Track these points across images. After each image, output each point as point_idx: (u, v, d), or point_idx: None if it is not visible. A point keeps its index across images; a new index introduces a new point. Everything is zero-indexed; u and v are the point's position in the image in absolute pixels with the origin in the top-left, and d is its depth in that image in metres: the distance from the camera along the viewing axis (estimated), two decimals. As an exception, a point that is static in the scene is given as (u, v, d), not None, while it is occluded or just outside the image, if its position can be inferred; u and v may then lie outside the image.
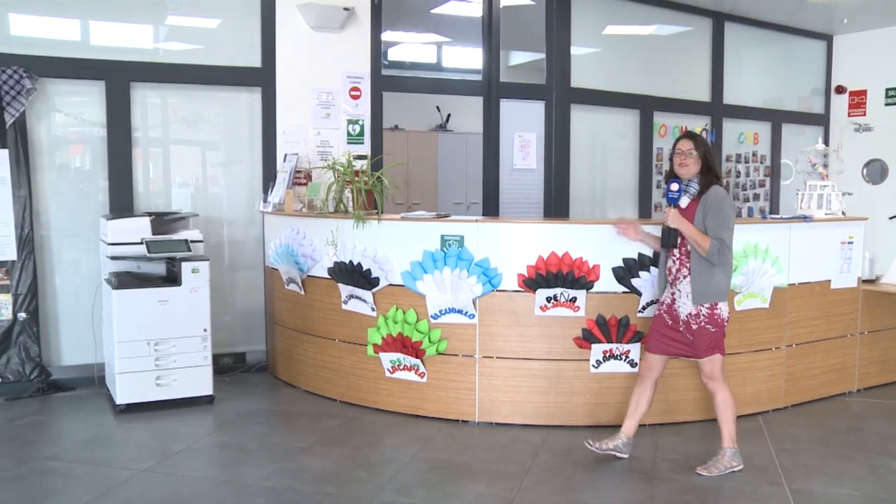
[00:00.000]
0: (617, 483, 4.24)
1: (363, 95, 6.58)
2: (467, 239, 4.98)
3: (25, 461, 4.51)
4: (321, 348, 5.62)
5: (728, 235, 4.20)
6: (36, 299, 5.77)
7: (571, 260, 4.89)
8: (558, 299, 4.94)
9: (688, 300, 4.28)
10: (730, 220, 4.23)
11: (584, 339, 4.96)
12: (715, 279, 4.22)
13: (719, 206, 4.20)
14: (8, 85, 5.58)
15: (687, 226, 4.20)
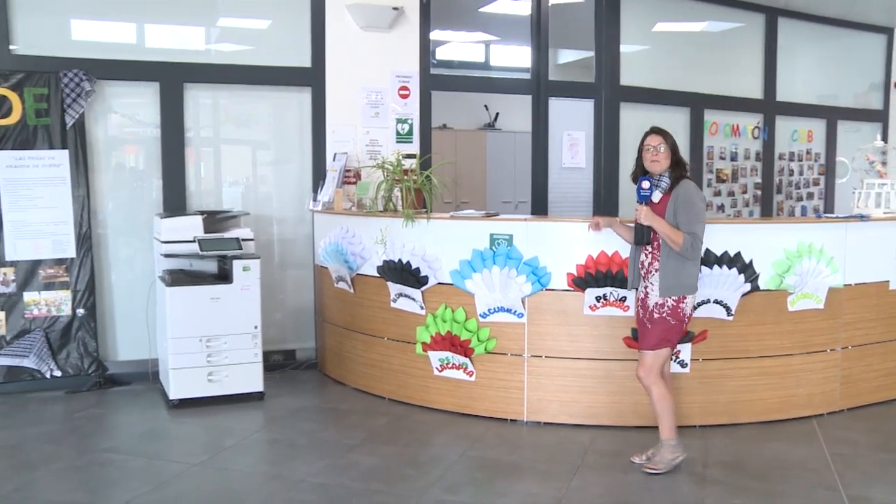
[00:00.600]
0: (666, 485, 4.20)
1: (412, 94, 6.62)
2: (516, 237, 4.98)
3: (85, 452, 4.65)
4: (370, 346, 5.67)
5: (700, 229, 4.21)
6: (93, 296, 5.92)
7: (621, 259, 4.86)
8: (608, 298, 4.92)
9: (656, 292, 4.28)
10: (701, 213, 4.24)
11: (634, 339, 4.93)
12: (685, 272, 4.24)
13: (690, 201, 4.20)
14: (69, 88, 5.74)
15: (660, 222, 4.20)
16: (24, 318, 5.78)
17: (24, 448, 4.70)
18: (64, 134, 5.79)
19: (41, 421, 5.24)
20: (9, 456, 4.59)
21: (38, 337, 5.79)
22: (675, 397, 4.86)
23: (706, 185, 8.37)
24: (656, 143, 4.29)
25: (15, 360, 5.75)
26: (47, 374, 5.81)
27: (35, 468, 4.38)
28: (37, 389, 5.81)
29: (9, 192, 5.70)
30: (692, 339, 4.90)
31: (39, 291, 5.81)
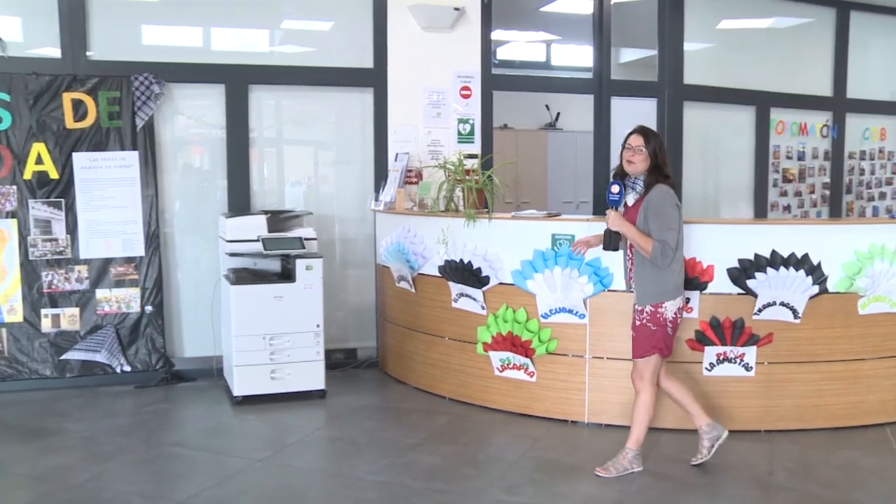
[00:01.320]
0: (730, 490, 4.15)
1: (473, 95, 6.64)
2: (578, 237, 4.97)
3: (154, 446, 4.79)
4: (431, 346, 5.71)
5: (671, 236, 4.05)
6: (161, 293, 6.09)
7: (685, 260, 4.81)
8: (671, 300, 4.87)
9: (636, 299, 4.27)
10: (673, 220, 4.08)
11: (697, 341, 4.87)
12: (661, 279, 4.13)
13: (661, 207, 4.06)
14: (139, 91, 5.92)
15: (629, 228, 4.11)
16: (96, 315, 5.98)
17: (98, 440, 4.87)
18: (134, 135, 5.97)
19: (112, 414, 5.42)
20: (84, 447, 4.76)
21: (110, 333, 5.99)
22: (737, 401, 4.87)
23: (772, 185, 8.22)
24: (637, 144, 4.15)
25: (88, 355, 5.96)
26: (118, 369, 6.00)
27: (108, 460, 4.53)
28: (108, 384, 6.00)
29: (83, 192, 5.91)
30: (757, 341, 4.82)
31: (110, 289, 6.01)
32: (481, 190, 5.50)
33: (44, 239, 5.88)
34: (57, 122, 5.84)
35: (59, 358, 5.94)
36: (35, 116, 5.79)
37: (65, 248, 5.92)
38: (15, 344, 5.86)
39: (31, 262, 5.87)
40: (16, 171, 5.80)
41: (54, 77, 5.81)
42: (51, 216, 5.88)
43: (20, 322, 5.87)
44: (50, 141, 5.83)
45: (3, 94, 5.73)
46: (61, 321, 5.94)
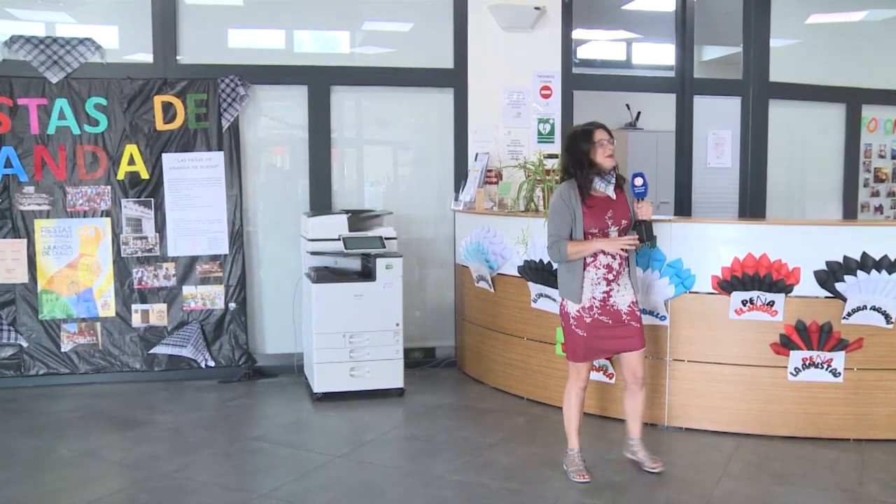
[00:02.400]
0: (818, 500, 4.04)
1: (554, 94, 6.64)
2: (659, 239, 4.92)
3: (237, 439, 4.94)
4: (509, 346, 5.74)
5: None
6: (244, 291, 6.28)
7: (769, 262, 4.73)
8: (755, 303, 4.80)
9: (627, 291, 4.26)
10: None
11: (782, 346, 4.78)
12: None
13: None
14: (225, 93, 6.12)
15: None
16: (182, 311, 6.21)
17: (184, 432, 5.06)
18: (220, 136, 6.18)
19: (197, 407, 5.61)
20: (171, 439, 4.95)
21: (195, 328, 6.20)
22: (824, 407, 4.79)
23: (862, 185, 7.97)
24: (607, 136, 4.19)
25: (174, 350, 6.19)
26: (202, 363, 6.20)
27: (193, 451, 4.70)
28: (193, 378, 6.22)
29: (171, 192, 6.14)
30: (846, 346, 4.71)
31: (196, 286, 6.22)
32: (561, 190, 5.49)
33: (135, 237, 6.14)
34: (148, 125, 6.09)
35: (148, 352, 6.19)
36: (128, 119, 6.05)
37: (154, 245, 6.16)
38: (108, 338, 6.14)
39: (123, 259, 6.13)
40: (110, 172, 6.07)
41: (146, 81, 6.07)
42: (141, 215, 6.13)
43: (113, 317, 6.14)
44: (141, 142, 6.09)
45: (101, 98, 6.01)
46: (150, 316, 6.19)
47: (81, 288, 6.11)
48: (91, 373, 6.13)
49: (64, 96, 5.99)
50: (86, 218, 6.09)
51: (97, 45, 6.07)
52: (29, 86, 5.95)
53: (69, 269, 6.09)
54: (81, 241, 6.10)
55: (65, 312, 6.09)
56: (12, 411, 5.55)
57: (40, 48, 5.97)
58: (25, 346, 6.05)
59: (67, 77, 5.99)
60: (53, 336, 6.09)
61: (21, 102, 5.94)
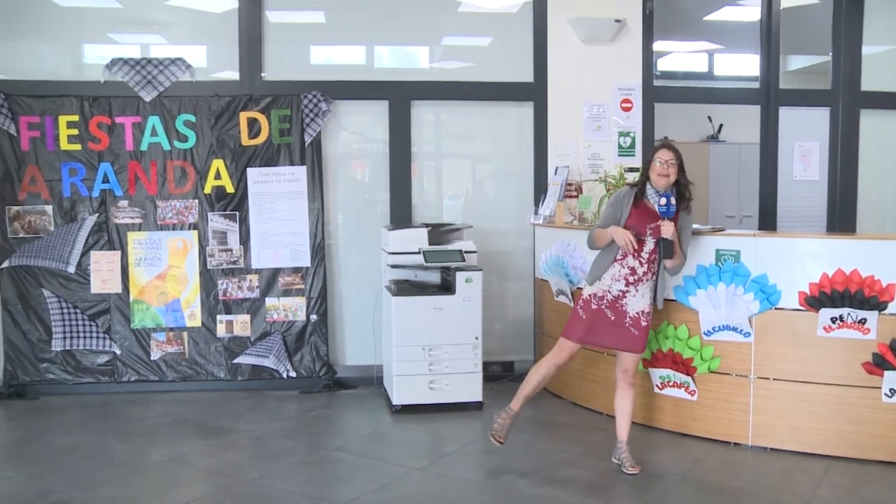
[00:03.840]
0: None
1: (634, 107, 6.61)
2: (744, 253, 4.86)
3: (317, 449, 5.05)
4: (588, 361, 5.70)
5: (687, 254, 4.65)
6: (325, 303, 6.41)
7: (861, 278, 4.61)
8: (845, 320, 4.67)
9: (643, 299, 4.52)
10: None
11: (875, 365, 4.64)
12: (657, 287, 4.57)
13: (691, 228, 4.68)
14: (308, 108, 6.28)
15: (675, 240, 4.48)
16: (265, 322, 6.37)
17: (266, 441, 5.18)
18: (303, 151, 6.34)
19: (279, 417, 5.74)
20: (254, 447, 5.08)
21: (277, 339, 6.36)
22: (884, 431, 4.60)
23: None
24: (667, 158, 4.46)
25: (257, 360, 6.36)
26: (284, 374, 6.35)
27: (275, 460, 4.81)
28: (275, 388, 6.37)
29: (255, 206, 6.32)
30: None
31: (278, 297, 6.38)
32: (642, 204, 5.46)
33: (220, 249, 6.34)
34: (234, 140, 6.29)
35: (232, 361, 6.37)
36: (215, 135, 6.27)
37: (238, 258, 6.35)
38: (194, 347, 6.35)
39: (209, 271, 6.34)
40: (198, 186, 6.29)
41: (232, 98, 6.28)
42: (226, 228, 6.33)
43: (199, 326, 6.35)
44: (227, 157, 6.29)
45: (190, 115, 6.26)
46: (234, 327, 6.37)
47: (170, 298, 6.34)
48: (178, 381, 6.36)
49: (156, 114, 6.25)
50: (174, 231, 6.33)
51: (187, 65, 6.32)
52: (125, 105, 6.24)
53: (159, 280, 6.33)
54: (170, 253, 6.33)
55: (154, 322, 6.33)
56: (107, 415, 5.80)
57: (136, 69, 6.25)
58: (118, 354, 6.31)
59: (160, 95, 6.26)
60: (144, 344, 6.33)
61: (118, 121, 6.23)
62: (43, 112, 6.18)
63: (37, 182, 6.20)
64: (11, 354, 6.25)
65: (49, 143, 6.19)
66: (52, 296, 6.25)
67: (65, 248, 6.25)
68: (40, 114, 6.17)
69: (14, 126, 6.15)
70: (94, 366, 6.31)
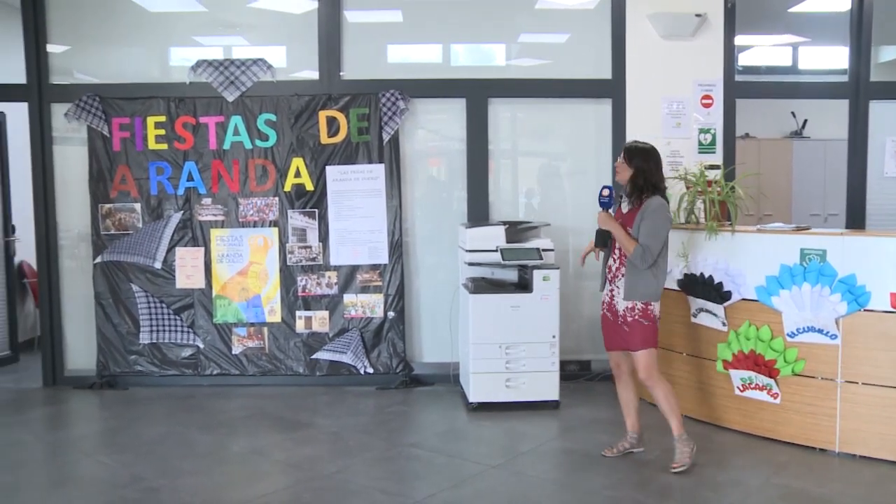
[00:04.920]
0: None
1: (715, 103, 6.45)
2: (830, 253, 4.71)
3: (394, 445, 5.09)
4: (667, 361, 5.61)
5: (653, 242, 4.51)
6: (402, 300, 6.46)
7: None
8: (940, 323, 4.49)
9: (622, 295, 4.62)
10: (659, 229, 4.54)
11: None
12: (643, 281, 4.56)
13: (652, 216, 4.53)
14: (386, 107, 6.34)
15: (617, 229, 4.60)
16: (343, 318, 6.46)
17: (343, 436, 5.26)
18: (381, 149, 6.39)
19: (356, 412, 5.81)
20: (332, 441, 5.17)
21: (355, 336, 6.43)
22: None
23: None
24: (619, 158, 4.71)
25: (335, 356, 6.44)
26: (361, 370, 6.42)
27: (353, 455, 4.88)
28: (352, 384, 6.45)
29: (334, 203, 6.41)
30: None
31: (356, 294, 6.45)
32: (723, 202, 5.35)
33: (300, 246, 6.44)
34: (313, 139, 6.39)
35: (311, 357, 6.47)
36: (295, 134, 6.38)
37: (317, 255, 6.45)
38: (274, 342, 6.47)
39: (289, 268, 6.45)
40: (278, 184, 6.41)
41: (312, 97, 6.38)
42: (306, 225, 6.43)
43: (279, 322, 6.47)
44: (307, 156, 6.39)
45: (270, 114, 6.38)
46: (313, 323, 6.47)
47: (251, 294, 6.48)
48: (258, 375, 6.49)
49: (238, 113, 6.39)
50: (255, 228, 6.46)
51: (268, 65, 6.44)
52: (209, 105, 6.40)
53: (240, 277, 6.47)
54: (251, 250, 6.46)
55: (236, 317, 6.48)
56: (191, 407, 5.97)
57: (220, 70, 6.40)
58: (202, 348, 6.49)
59: (242, 95, 6.39)
60: (226, 339, 6.48)
61: (202, 121, 6.40)
62: (133, 113, 6.39)
63: (127, 181, 6.42)
64: (104, 346, 6.49)
65: (138, 143, 6.40)
66: (139, 290, 6.46)
67: (152, 245, 6.45)
68: (130, 115, 6.39)
69: (107, 127, 6.37)
70: (179, 359, 6.50)
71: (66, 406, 6.16)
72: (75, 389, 6.47)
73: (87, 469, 4.86)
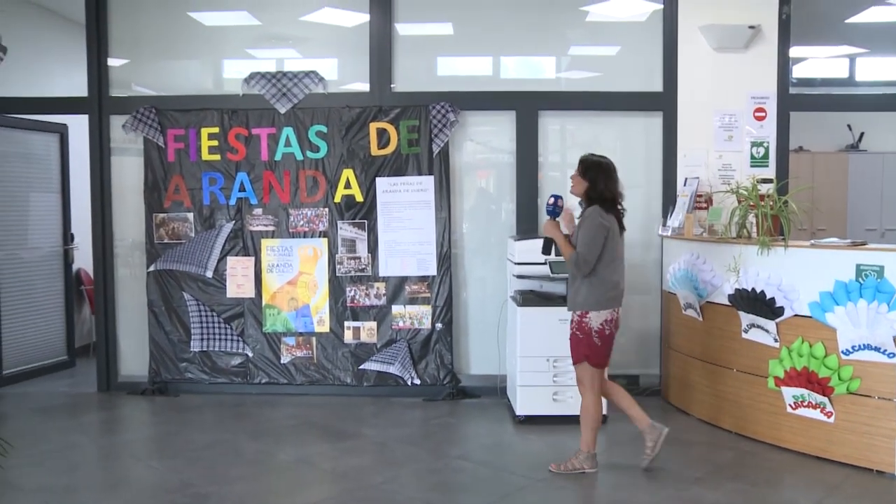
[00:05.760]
0: None
1: (768, 116, 6.37)
2: (888, 269, 4.60)
3: (440, 457, 5.10)
4: (717, 377, 5.55)
5: (586, 251, 4.59)
6: (451, 311, 6.47)
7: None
8: None
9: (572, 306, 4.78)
10: (592, 236, 4.60)
11: None
12: (581, 290, 4.68)
13: (587, 224, 4.64)
14: (436, 119, 6.38)
15: (557, 236, 4.75)
16: (391, 329, 6.49)
17: (390, 447, 5.28)
18: (430, 161, 6.43)
19: (403, 424, 5.83)
20: (378, 452, 5.20)
21: (402, 347, 6.46)
22: None
23: None
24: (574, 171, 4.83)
25: (383, 367, 6.48)
26: (408, 381, 6.45)
27: (399, 466, 4.90)
28: (399, 395, 6.47)
29: (384, 215, 6.46)
30: None
31: (405, 305, 6.49)
32: (776, 216, 5.27)
33: (349, 257, 6.50)
34: (363, 150, 6.45)
35: (358, 367, 6.52)
36: (346, 145, 6.45)
37: (366, 266, 6.50)
38: (322, 352, 6.53)
39: (338, 278, 6.51)
40: (328, 195, 6.48)
41: (363, 109, 6.45)
42: (355, 236, 6.49)
43: (327, 332, 6.53)
44: (357, 167, 6.46)
45: (321, 126, 6.46)
46: (361, 333, 6.52)
47: (300, 304, 6.55)
48: (306, 384, 6.56)
49: (290, 125, 6.49)
50: (305, 238, 6.54)
51: (320, 77, 6.53)
52: (261, 117, 6.51)
53: (289, 286, 6.55)
54: (301, 260, 6.54)
55: (285, 327, 6.56)
56: (240, 415, 6.06)
57: (272, 82, 6.51)
58: (251, 356, 6.58)
59: (294, 107, 6.49)
60: (275, 348, 6.57)
61: (254, 132, 6.51)
62: (187, 124, 6.53)
63: (180, 191, 6.56)
64: (155, 353, 6.62)
65: (192, 154, 6.53)
66: (191, 299, 6.58)
67: (204, 254, 6.57)
68: (185, 126, 6.53)
69: (162, 138, 6.52)
70: (229, 367, 6.60)
71: (119, 411, 6.30)
72: (128, 395, 6.62)
73: (138, 473, 4.96)
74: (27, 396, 6.69)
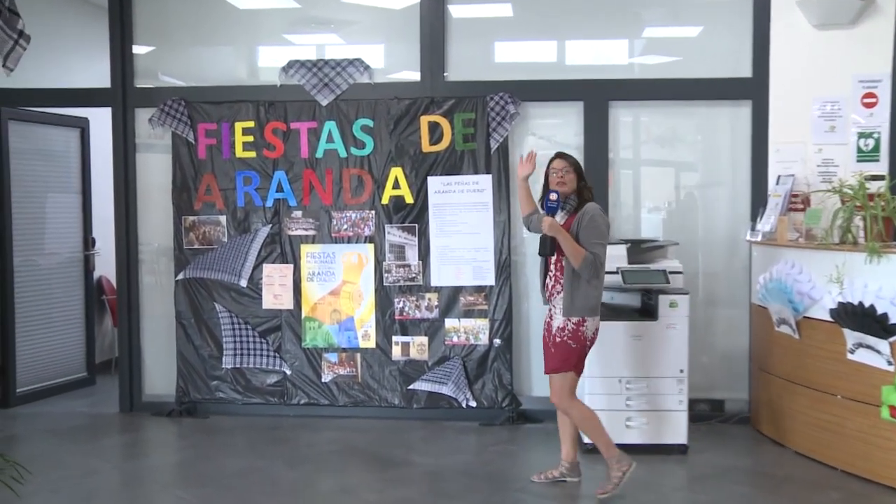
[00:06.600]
0: None
1: (880, 103, 6.11)
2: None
3: (498, 490, 5.00)
4: (818, 404, 5.34)
5: (601, 250, 4.71)
6: (510, 326, 6.35)
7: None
8: None
9: (557, 314, 4.81)
10: (603, 236, 4.75)
11: None
12: (582, 294, 4.72)
13: (594, 222, 4.72)
14: (494, 111, 6.27)
15: (565, 236, 4.69)
16: (444, 345, 6.40)
17: (442, 476, 5.19)
18: (488, 158, 6.32)
19: (457, 451, 5.73)
20: (429, 482, 5.11)
21: (457, 365, 6.35)
22: None
23: None
24: (561, 166, 4.91)
25: (435, 387, 6.38)
26: (463, 403, 6.33)
27: (451, 498, 4.81)
28: (453, 418, 6.39)
29: (436, 218, 6.37)
30: None
31: (459, 319, 6.38)
32: (888, 218, 5.06)
33: (397, 265, 6.42)
34: (414, 146, 6.37)
35: (408, 387, 6.44)
36: (394, 141, 6.38)
37: (416, 274, 6.40)
38: (368, 370, 6.46)
39: (385, 288, 6.44)
40: (375, 196, 6.41)
41: (413, 101, 6.37)
42: (405, 242, 6.40)
43: (373, 348, 6.47)
44: (407, 165, 6.38)
45: (367, 119, 6.40)
46: (410, 350, 6.43)
47: (343, 317, 6.48)
48: (349, 405, 6.49)
49: (332, 119, 6.44)
50: (349, 244, 6.48)
51: (366, 66, 6.46)
52: (301, 110, 6.48)
53: (332, 297, 6.49)
54: (345, 268, 6.48)
55: (326, 341, 6.49)
56: (276, 440, 6.01)
57: (313, 71, 6.47)
58: (289, 374, 6.53)
59: (337, 99, 6.44)
60: (315, 365, 6.51)
61: (293, 126, 6.48)
62: (220, 118, 6.52)
63: (212, 191, 6.54)
64: (184, 370, 6.61)
65: (225, 151, 6.51)
66: (223, 310, 6.55)
67: (237, 261, 6.53)
68: (217, 120, 6.52)
69: (192, 134, 6.52)
70: (264, 386, 6.55)
71: (143, 434, 6.30)
72: (153, 416, 6.61)
73: (163, 503, 4.91)
74: (43, 417, 6.72)
